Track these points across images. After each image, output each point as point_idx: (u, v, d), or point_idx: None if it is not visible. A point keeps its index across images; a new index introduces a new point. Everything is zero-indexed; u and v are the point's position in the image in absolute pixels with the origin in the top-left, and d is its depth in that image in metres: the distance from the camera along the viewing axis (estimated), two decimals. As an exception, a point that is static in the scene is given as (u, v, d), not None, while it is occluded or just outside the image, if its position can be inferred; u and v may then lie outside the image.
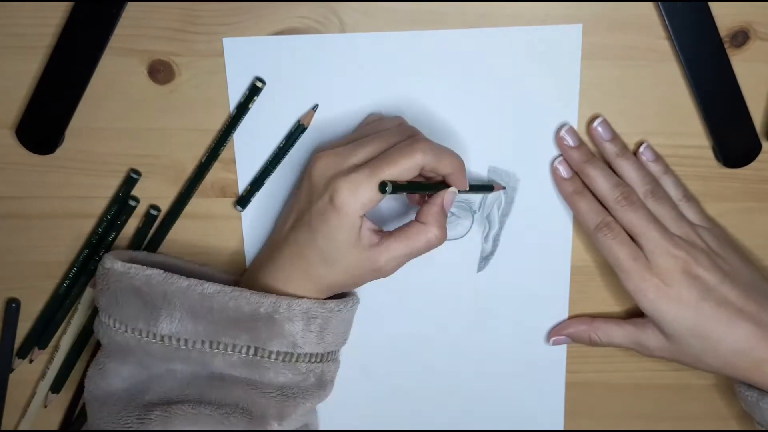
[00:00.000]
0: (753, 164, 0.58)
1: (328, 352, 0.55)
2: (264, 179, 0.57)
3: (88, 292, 0.61)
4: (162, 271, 0.52)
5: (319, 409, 0.63)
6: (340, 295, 0.56)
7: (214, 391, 0.53)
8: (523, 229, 0.60)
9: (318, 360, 0.54)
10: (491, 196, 0.59)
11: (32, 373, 0.63)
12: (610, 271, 0.60)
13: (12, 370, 0.63)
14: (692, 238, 0.55)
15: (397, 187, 0.50)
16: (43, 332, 0.62)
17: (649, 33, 0.55)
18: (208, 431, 0.52)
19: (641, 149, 0.57)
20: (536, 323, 0.62)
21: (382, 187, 0.49)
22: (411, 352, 0.63)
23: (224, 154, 0.57)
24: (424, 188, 0.53)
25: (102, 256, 0.57)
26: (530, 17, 0.54)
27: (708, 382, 0.63)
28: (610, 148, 0.56)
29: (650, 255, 0.54)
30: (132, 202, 0.58)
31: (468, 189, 0.54)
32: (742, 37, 0.55)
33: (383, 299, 0.61)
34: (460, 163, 0.53)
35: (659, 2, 0.53)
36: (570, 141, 0.57)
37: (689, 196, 0.58)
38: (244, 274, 0.58)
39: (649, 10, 0.54)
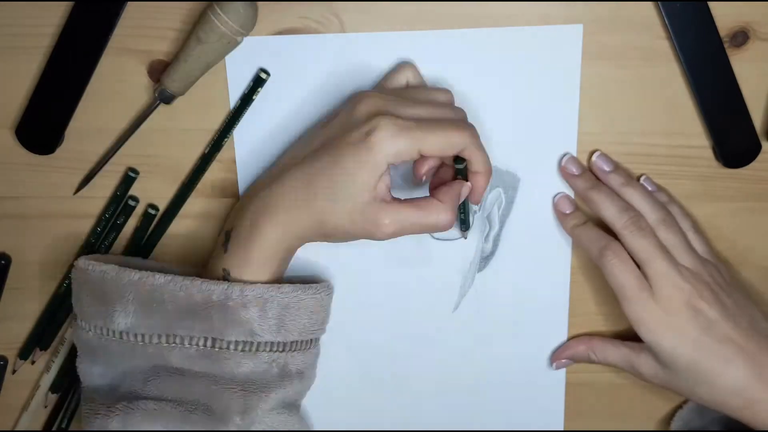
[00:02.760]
0: (753, 164, 0.58)
1: (292, 342, 0.53)
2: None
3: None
4: (116, 266, 0.52)
5: (319, 409, 0.63)
6: (305, 281, 0.55)
7: (175, 386, 0.53)
8: (524, 229, 0.60)
9: (280, 349, 0.53)
10: (491, 195, 0.59)
11: (32, 374, 0.63)
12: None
13: (14, 371, 0.63)
14: (699, 271, 0.55)
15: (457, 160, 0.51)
16: (44, 333, 0.62)
17: (649, 33, 0.55)
18: (167, 431, 0.52)
19: (641, 180, 0.57)
20: (536, 323, 0.62)
21: (459, 161, 0.51)
22: (411, 352, 0.63)
23: (224, 154, 0.57)
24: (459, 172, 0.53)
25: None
26: (530, 17, 0.54)
27: (708, 382, 0.64)
28: (614, 179, 0.56)
29: (655, 284, 0.54)
30: (132, 202, 0.58)
31: (478, 205, 0.55)
32: (741, 37, 0.55)
33: (383, 299, 0.61)
34: (490, 169, 0.53)
35: (659, 2, 0.53)
36: (574, 169, 0.57)
37: (697, 229, 0.58)
38: (243, 195, 0.56)
39: (649, 10, 0.54)
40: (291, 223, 0.51)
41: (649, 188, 0.57)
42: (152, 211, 0.58)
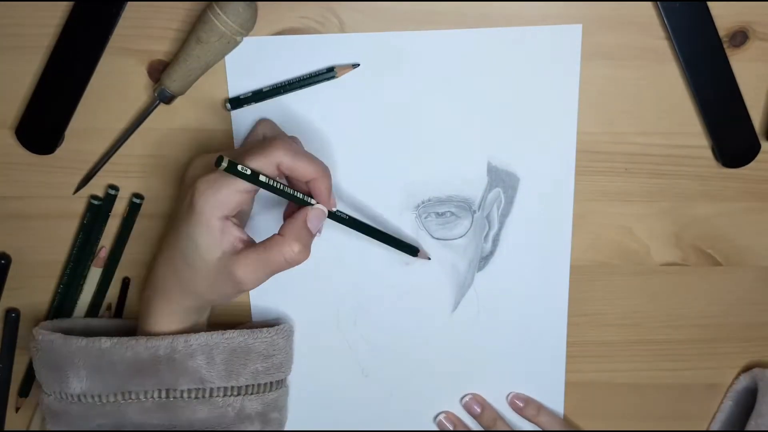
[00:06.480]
0: (752, 164, 0.58)
1: (247, 386, 0.55)
2: (266, 97, 0.56)
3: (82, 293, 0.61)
4: (61, 335, 0.54)
5: (319, 409, 0.63)
6: (267, 325, 0.56)
7: None
8: (523, 229, 0.60)
9: (234, 393, 0.54)
10: (491, 195, 0.59)
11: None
12: (609, 271, 0.61)
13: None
14: None
15: (250, 177, 0.48)
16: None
17: (649, 33, 0.55)
18: None
19: (510, 396, 0.64)
20: (536, 323, 0.62)
21: (218, 160, 0.47)
22: (411, 352, 0.63)
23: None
24: (283, 193, 0.50)
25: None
26: (530, 17, 0.54)
27: (708, 382, 0.64)
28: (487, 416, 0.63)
29: None
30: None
31: (334, 209, 0.53)
32: (741, 37, 0.55)
33: (383, 299, 0.61)
34: (322, 172, 0.50)
35: (659, 2, 0.53)
36: (477, 408, 0.63)
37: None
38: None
39: (649, 10, 0.54)
40: (173, 303, 0.53)
41: (520, 404, 0.63)
42: (137, 200, 0.59)
